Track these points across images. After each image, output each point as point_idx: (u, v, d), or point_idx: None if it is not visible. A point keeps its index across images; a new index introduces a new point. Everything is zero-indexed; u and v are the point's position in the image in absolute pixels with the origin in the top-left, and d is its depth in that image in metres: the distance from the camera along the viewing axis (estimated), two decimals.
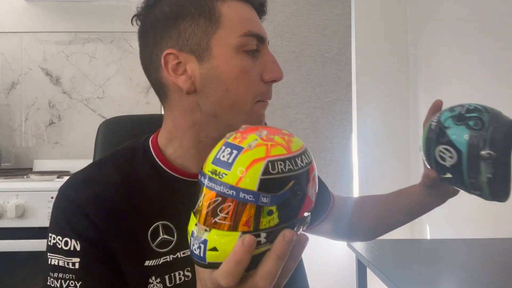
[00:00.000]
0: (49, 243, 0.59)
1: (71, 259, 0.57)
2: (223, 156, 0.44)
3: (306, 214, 0.46)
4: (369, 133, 2.19)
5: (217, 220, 0.43)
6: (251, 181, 0.42)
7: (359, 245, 1.25)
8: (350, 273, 2.07)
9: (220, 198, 0.42)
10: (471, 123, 0.64)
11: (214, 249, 0.43)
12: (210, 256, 0.43)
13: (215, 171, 0.44)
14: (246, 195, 0.41)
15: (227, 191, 0.42)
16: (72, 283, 0.57)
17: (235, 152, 0.43)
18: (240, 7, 0.61)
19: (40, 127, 2.16)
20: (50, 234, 0.59)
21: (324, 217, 0.84)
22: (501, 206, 1.46)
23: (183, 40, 0.60)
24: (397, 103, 2.21)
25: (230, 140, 0.45)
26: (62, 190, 0.62)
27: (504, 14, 1.44)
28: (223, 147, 0.45)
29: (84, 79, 2.18)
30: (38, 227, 1.52)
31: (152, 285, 0.60)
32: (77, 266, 0.57)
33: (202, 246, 0.43)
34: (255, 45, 0.61)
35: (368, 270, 1.22)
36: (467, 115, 0.65)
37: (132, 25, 0.66)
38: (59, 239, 0.58)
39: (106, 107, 2.18)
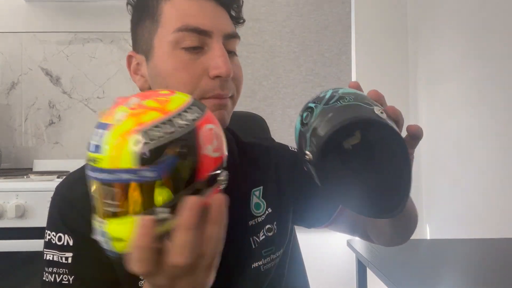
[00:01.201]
0: (45, 240, 0.62)
1: (64, 254, 0.59)
2: (94, 139, 0.39)
3: (214, 173, 0.41)
4: None
5: (110, 210, 0.39)
6: (126, 158, 0.37)
7: (359, 245, 1.25)
8: (350, 273, 2.07)
9: (104, 186, 0.39)
10: (304, 115, 0.50)
11: (120, 239, 0.39)
12: (119, 248, 0.39)
13: (92, 158, 0.39)
14: (127, 175, 0.37)
15: (108, 177, 0.37)
16: (65, 278, 0.58)
17: (101, 131, 0.39)
18: (184, 2, 0.60)
19: (40, 127, 2.16)
20: (46, 231, 0.62)
21: (336, 216, 0.76)
22: (501, 206, 1.47)
23: (137, 42, 0.64)
24: (397, 103, 2.19)
25: (101, 120, 0.40)
26: (57, 188, 0.65)
27: (504, 13, 1.44)
28: (95, 130, 0.40)
29: (84, 79, 2.18)
30: (38, 227, 1.52)
31: (143, 282, 0.60)
32: (69, 260, 0.59)
33: (106, 239, 0.40)
34: (195, 40, 0.58)
35: (368, 270, 1.22)
36: (309, 104, 0.51)
37: None
38: (53, 235, 0.61)
39: (106, 107, 2.18)
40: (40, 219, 1.53)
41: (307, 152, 0.47)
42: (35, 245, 1.50)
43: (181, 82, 0.58)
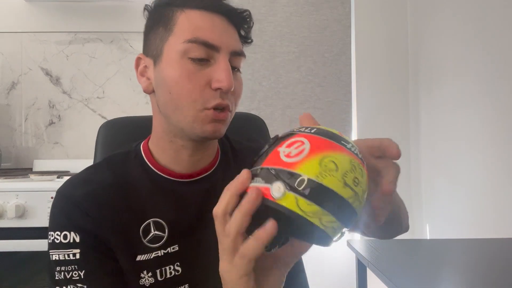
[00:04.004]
0: (49, 241, 0.63)
1: (72, 251, 0.61)
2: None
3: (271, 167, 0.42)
4: (369, 133, 2.19)
5: None
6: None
7: (359, 245, 1.25)
8: (350, 273, 2.07)
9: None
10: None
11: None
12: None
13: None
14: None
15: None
16: (75, 274, 0.60)
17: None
18: (198, 16, 0.64)
19: (40, 127, 2.16)
20: (49, 233, 0.63)
21: None
22: (501, 206, 1.47)
23: (148, 46, 0.68)
24: (397, 103, 2.21)
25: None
26: (59, 190, 0.66)
27: (504, 13, 1.44)
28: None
29: (84, 79, 2.18)
30: (38, 227, 1.52)
31: (144, 279, 0.64)
32: (78, 256, 0.61)
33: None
34: (203, 53, 0.62)
35: (368, 270, 1.22)
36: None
37: None
38: (57, 234, 0.62)
39: (106, 107, 2.18)
40: (40, 219, 1.53)
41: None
42: (35, 245, 1.50)
43: (185, 90, 0.62)
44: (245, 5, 2.20)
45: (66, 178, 1.61)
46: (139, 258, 0.64)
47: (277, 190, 0.41)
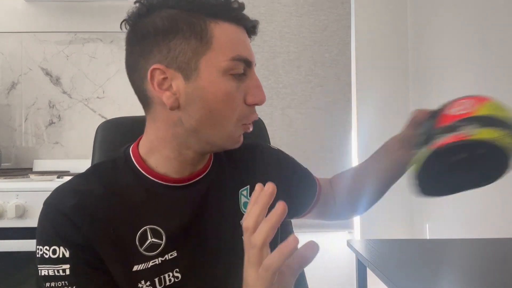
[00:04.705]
0: (37, 255, 0.61)
1: (61, 266, 0.59)
2: None
3: (449, 124, 0.63)
4: (369, 133, 2.19)
5: None
6: None
7: (359, 245, 1.25)
8: (350, 273, 2.07)
9: None
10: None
11: None
12: None
13: None
14: None
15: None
16: None
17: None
18: (231, 30, 0.63)
19: (40, 127, 2.16)
20: (37, 247, 0.61)
21: (312, 206, 0.86)
22: (501, 206, 1.47)
23: (172, 57, 0.60)
24: (397, 103, 2.21)
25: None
26: (46, 202, 0.63)
27: (504, 13, 1.44)
28: None
29: (84, 79, 2.18)
30: None
31: None
32: (68, 272, 0.58)
33: None
34: (242, 69, 0.63)
35: (368, 270, 1.22)
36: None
37: (121, 29, 0.66)
38: (46, 249, 0.60)
39: (106, 107, 2.18)
40: None
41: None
42: (35, 245, 1.50)
43: (229, 108, 0.62)
44: (245, 5, 2.20)
45: (66, 178, 1.61)
46: (136, 268, 0.61)
47: (470, 130, 0.58)
